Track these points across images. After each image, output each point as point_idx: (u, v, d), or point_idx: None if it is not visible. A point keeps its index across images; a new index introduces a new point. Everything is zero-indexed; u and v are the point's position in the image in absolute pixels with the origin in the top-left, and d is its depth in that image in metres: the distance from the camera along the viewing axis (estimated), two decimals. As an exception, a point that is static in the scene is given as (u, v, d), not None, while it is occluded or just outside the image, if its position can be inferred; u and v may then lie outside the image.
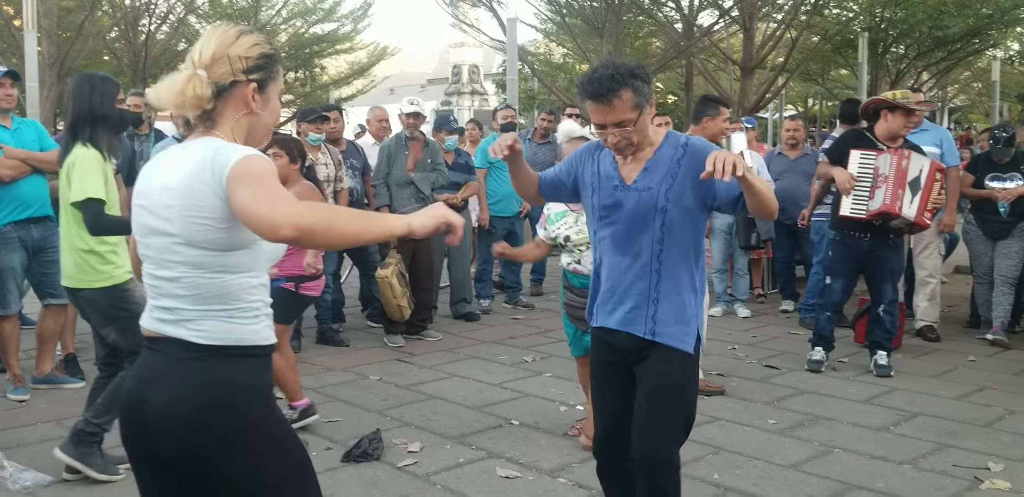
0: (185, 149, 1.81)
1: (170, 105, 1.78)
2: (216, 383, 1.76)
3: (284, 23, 25.43)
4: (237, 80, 1.81)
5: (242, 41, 1.82)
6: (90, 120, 3.60)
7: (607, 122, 2.48)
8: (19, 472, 3.55)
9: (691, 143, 2.58)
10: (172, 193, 1.76)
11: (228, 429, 1.74)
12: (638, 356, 2.62)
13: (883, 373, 5.15)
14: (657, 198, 2.52)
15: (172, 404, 1.74)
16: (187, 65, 1.81)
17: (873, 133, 5.25)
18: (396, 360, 5.68)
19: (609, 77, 2.45)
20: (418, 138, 6.43)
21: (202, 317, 1.78)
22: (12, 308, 4.78)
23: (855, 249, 5.19)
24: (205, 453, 1.75)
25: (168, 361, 1.79)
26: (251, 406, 1.79)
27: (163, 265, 1.80)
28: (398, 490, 3.52)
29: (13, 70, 4.92)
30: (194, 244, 1.75)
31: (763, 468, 3.73)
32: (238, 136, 1.84)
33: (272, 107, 1.90)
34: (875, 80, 18.29)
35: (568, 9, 18.01)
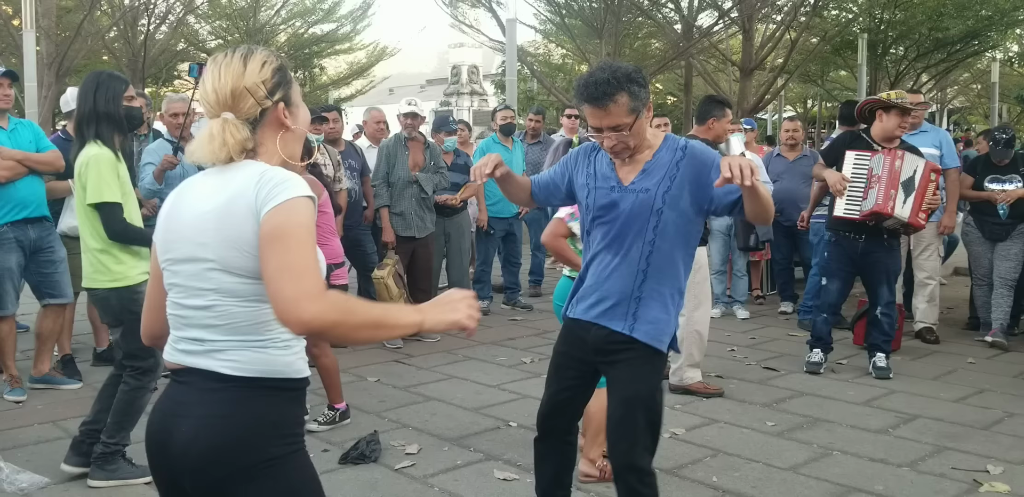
0: (223, 173, 1.74)
1: (213, 158, 1.70)
2: (244, 415, 1.69)
3: (283, 23, 25.44)
4: (265, 108, 1.75)
5: (252, 67, 1.74)
6: (94, 118, 3.57)
7: (603, 126, 2.50)
8: (15, 473, 3.54)
9: (690, 146, 2.58)
10: (208, 216, 1.69)
11: (251, 463, 1.67)
12: (608, 357, 2.64)
13: (882, 375, 5.14)
14: (654, 199, 2.53)
15: (197, 434, 1.68)
16: (207, 111, 1.75)
17: (870, 134, 5.25)
18: (394, 361, 5.67)
19: (605, 81, 2.45)
20: (418, 139, 6.42)
21: (233, 348, 1.70)
22: (9, 309, 4.77)
23: (850, 250, 5.19)
24: (225, 487, 1.68)
25: (195, 392, 1.72)
26: (278, 441, 1.71)
27: (193, 293, 1.72)
28: (396, 492, 3.51)
29: (11, 70, 4.90)
30: (229, 270, 1.68)
31: (762, 470, 3.72)
32: (285, 155, 1.79)
33: (302, 113, 1.84)
34: (874, 81, 18.30)
35: (567, 10, 18.02)
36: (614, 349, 2.63)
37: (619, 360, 2.63)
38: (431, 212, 6.43)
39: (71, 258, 5.08)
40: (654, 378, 2.65)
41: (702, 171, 2.54)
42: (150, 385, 3.63)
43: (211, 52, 24.16)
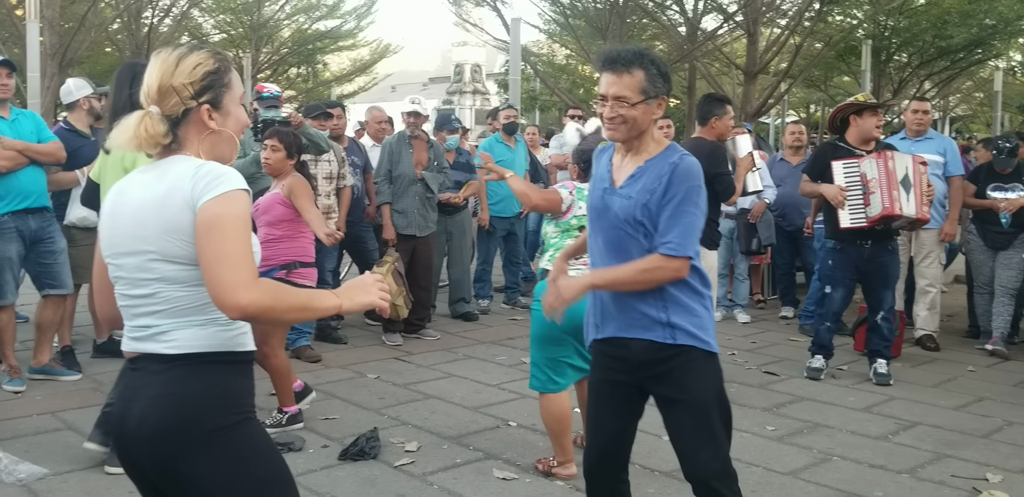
0: (156, 168, 1.80)
1: (129, 147, 1.76)
2: (187, 390, 1.75)
3: (287, 19, 25.41)
4: (188, 108, 1.80)
5: (183, 67, 1.80)
6: (130, 108, 3.57)
7: (609, 93, 2.45)
8: (14, 464, 3.53)
9: (679, 167, 2.43)
10: (146, 209, 1.75)
11: (197, 435, 1.73)
12: (655, 369, 2.49)
13: (882, 382, 5.14)
14: (635, 209, 2.44)
15: (145, 415, 1.74)
16: (142, 101, 1.81)
17: (846, 142, 5.24)
18: (394, 358, 5.66)
19: (631, 51, 2.45)
20: (421, 137, 6.41)
21: (176, 328, 1.76)
22: (8, 298, 4.76)
23: (856, 257, 5.17)
24: (175, 461, 1.73)
25: (145, 376, 1.78)
26: (223, 412, 1.76)
27: (137, 284, 1.78)
28: (395, 489, 3.50)
29: (8, 59, 4.89)
30: (170, 259, 1.74)
31: (761, 475, 3.72)
32: (204, 155, 1.82)
33: (234, 118, 1.87)
34: (878, 88, 18.29)
35: (572, 10, 18.01)
36: (663, 358, 2.47)
37: (673, 368, 2.47)
38: (434, 211, 6.42)
39: (74, 250, 5.08)
40: (716, 377, 2.52)
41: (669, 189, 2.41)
42: None
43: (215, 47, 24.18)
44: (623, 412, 2.61)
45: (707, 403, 2.47)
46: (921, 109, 6.20)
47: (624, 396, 2.60)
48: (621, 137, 2.50)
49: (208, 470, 1.74)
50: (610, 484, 2.68)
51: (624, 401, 2.60)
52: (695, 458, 2.48)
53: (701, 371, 2.48)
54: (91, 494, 3.40)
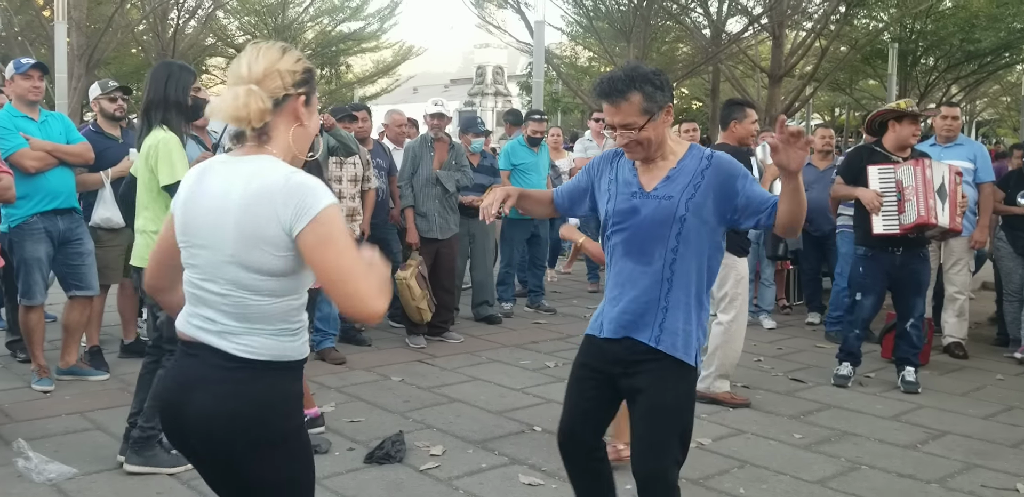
0: (242, 164, 1.85)
1: (232, 118, 1.82)
2: (257, 394, 1.82)
3: (311, 20, 25.58)
4: (288, 94, 1.86)
5: (288, 57, 1.87)
6: (163, 106, 3.68)
7: (614, 123, 2.50)
8: (44, 464, 3.55)
9: (716, 156, 2.55)
10: (230, 213, 1.80)
11: (264, 435, 1.81)
12: (630, 369, 2.56)
13: (910, 390, 5.08)
14: (677, 207, 2.50)
15: (213, 411, 1.81)
16: (234, 81, 1.84)
17: (883, 146, 5.19)
18: (418, 361, 5.67)
19: (620, 79, 2.46)
20: (443, 139, 6.41)
21: (246, 333, 1.83)
22: (38, 299, 4.79)
23: (887, 264, 5.11)
24: (245, 457, 1.82)
25: (208, 368, 1.84)
26: (288, 416, 1.87)
27: (212, 279, 1.85)
28: (421, 494, 3.50)
29: (41, 62, 4.94)
30: (247, 267, 1.80)
31: (789, 483, 3.68)
32: (291, 149, 1.89)
33: (315, 120, 1.97)
34: (904, 91, 18.16)
35: (595, 12, 18.00)
36: (637, 360, 2.55)
37: (643, 371, 2.54)
38: (455, 213, 6.42)
39: (101, 251, 5.12)
40: (682, 388, 2.56)
41: (727, 181, 2.51)
42: None
43: (239, 48, 24.32)
44: (590, 396, 2.69)
45: (663, 409, 2.53)
46: (951, 115, 6.13)
47: (595, 381, 2.67)
48: (642, 157, 2.57)
49: (282, 465, 1.85)
50: (582, 462, 2.77)
51: (593, 386, 2.67)
52: (640, 458, 2.54)
53: (671, 379, 2.54)
54: (119, 494, 3.42)
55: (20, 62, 4.82)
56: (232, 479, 1.88)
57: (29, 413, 4.38)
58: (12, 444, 3.74)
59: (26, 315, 4.80)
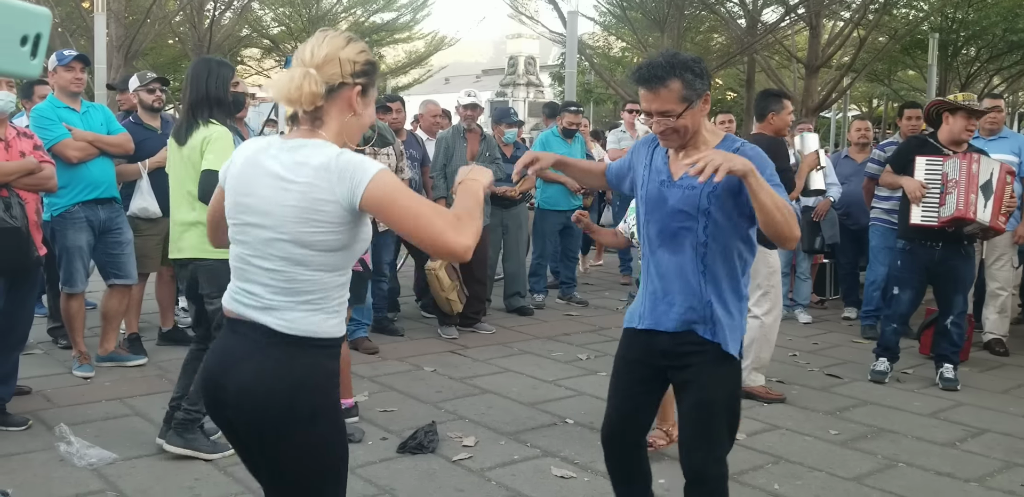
0: (298, 148, 1.87)
1: (285, 99, 1.86)
2: (294, 367, 1.86)
3: (345, 11, 25.66)
4: (345, 82, 1.89)
5: (351, 47, 1.91)
6: (207, 103, 3.74)
7: (652, 110, 2.46)
8: (85, 448, 3.62)
9: (743, 150, 2.48)
10: (282, 195, 1.84)
11: (293, 412, 1.85)
12: (678, 361, 2.55)
13: (949, 387, 5.01)
14: (700, 198, 2.46)
15: (253, 386, 1.85)
16: (296, 64, 1.88)
17: (936, 138, 5.10)
18: (450, 352, 5.68)
19: (660, 65, 2.42)
20: (475, 130, 6.41)
21: (288, 308, 1.87)
22: (79, 287, 4.87)
23: (926, 258, 5.04)
24: (279, 433, 1.86)
25: (249, 344, 1.89)
26: (324, 392, 1.90)
27: (263, 255, 1.89)
28: (453, 484, 3.51)
29: (83, 54, 4.99)
30: (301, 243, 1.84)
31: (824, 480, 3.65)
32: (341, 136, 1.93)
33: (369, 113, 1.98)
34: (944, 82, 17.85)
35: (629, 2, 17.87)
36: (686, 352, 2.55)
37: (692, 364, 2.54)
38: (487, 204, 6.41)
39: (139, 240, 5.19)
40: (731, 382, 2.57)
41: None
42: None
43: (274, 38, 24.50)
44: (637, 391, 2.69)
45: (713, 403, 2.53)
46: (994, 106, 6.01)
47: (640, 374, 2.67)
48: (677, 145, 2.54)
49: (318, 441, 1.88)
50: (626, 452, 2.77)
51: (639, 380, 2.68)
52: (690, 454, 2.55)
53: (719, 371, 2.54)
54: (159, 479, 3.47)
55: (62, 54, 4.88)
56: (266, 456, 1.91)
57: (70, 399, 4.46)
58: (54, 429, 3.81)
59: (67, 302, 4.88)
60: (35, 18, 1.12)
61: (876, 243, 6.36)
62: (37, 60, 1.14)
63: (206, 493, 3.36)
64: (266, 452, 1.91)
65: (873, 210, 6.34)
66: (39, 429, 3.99)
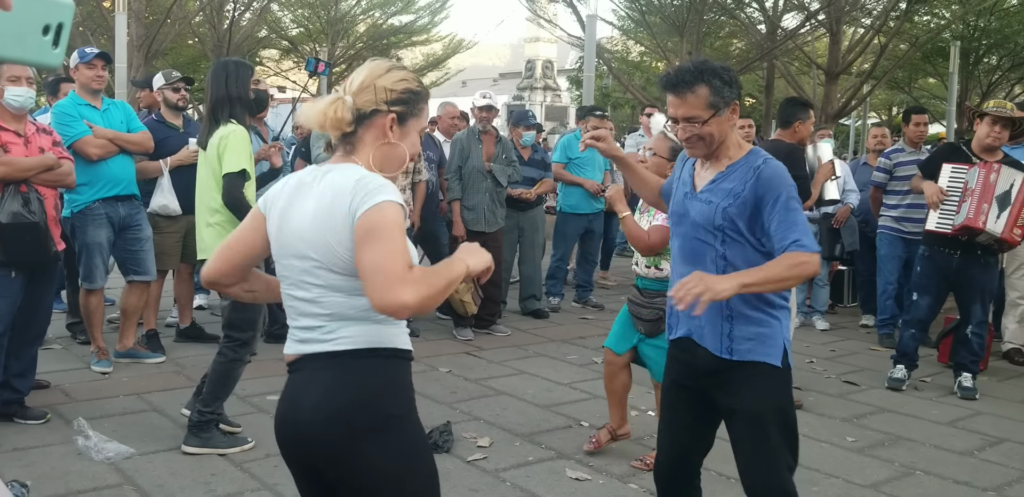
0: (328, 173, 1.87)
1: (314, 124, 1.87)
2: (357, 380, 1.84)
3: (363, 13, 25.73)
4: (378, 109, 1.88)
5: (391, 75, 1.90)
6: (227, 103, 3.79)
7: (678, 116, 2.42)
8: (103, 443, 3.64)
9: (763, 169, 2.40)
10: (314, 219, 1.83)
11: (371, 422, 1.81)
12: (717, 379, 2.45)
13: (968, 396, 4.97)
14: (715, 214, 2.40)
15: (318, 403, 1.83)
16: (339, 90, 1.91)
17: (969, 146, 5.08)
18: (465, 353, 5.68)
19: (689, 70, 2.40)
20: (490, 132, 6.42)
21: (342, 328, 1.84)
22: (98, 282, 4.90)
23: (943, 266, 5.01)
24: (346, 444, 1.81)
25: (309, 373, 1.87)
26: (391, 404, 1.85)
27: (301, 286, 1.87)
28: (468, 484, 3.51)
29: (105, 52, 5.03)
30: (332, 269, 1.82)
31: (841, 487, 3.62)
32: (375, 163, 1.90)
33: (411, 141, 1.94)
34: (965, 91, 17.74)
35: (648, 7, 17.83)
36: (724, 368, 2.44)
37: (727, 381, 2.43)
38: (503, 207, 6.42)
39: (159, 237, 5.22)
40: (771, 393, 2.43)
41: (762, 200, 2.36)
42: (246, 357, 3.75)
43: (293, 40, 24.61)
44: (691, 418, 2.58)
45: (761, 417, 2.42)
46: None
47: (692, 401, 2.56)
48: (703, 153, 2.48)
49: (379, 455, 1.81)
50: (679, 491, 2.66)
51: (692, 407, 2.57)
52: (751, 473, 2.44)
53: (760, 384, 2.42)
54: (175, 474, 3.49)
55: (84, 51, 4.92)
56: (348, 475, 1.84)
57: (88, 393, 4.48)
58: (72, 423, 3.84)
59: (86, 298, 4.92)
60: (58, 8, 1.12)
61: (884, 252, 6.33)
62: (59, 50, 1.14)
63: (222, 489, 3.37)
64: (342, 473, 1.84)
65: (881, 218, 6.32)
66: (57, 423, 4.01)
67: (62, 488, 3.31)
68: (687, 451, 2.62)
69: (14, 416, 3.99)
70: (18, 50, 1.10)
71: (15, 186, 3.84)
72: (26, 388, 4.08)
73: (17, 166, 3.86)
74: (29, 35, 1.09)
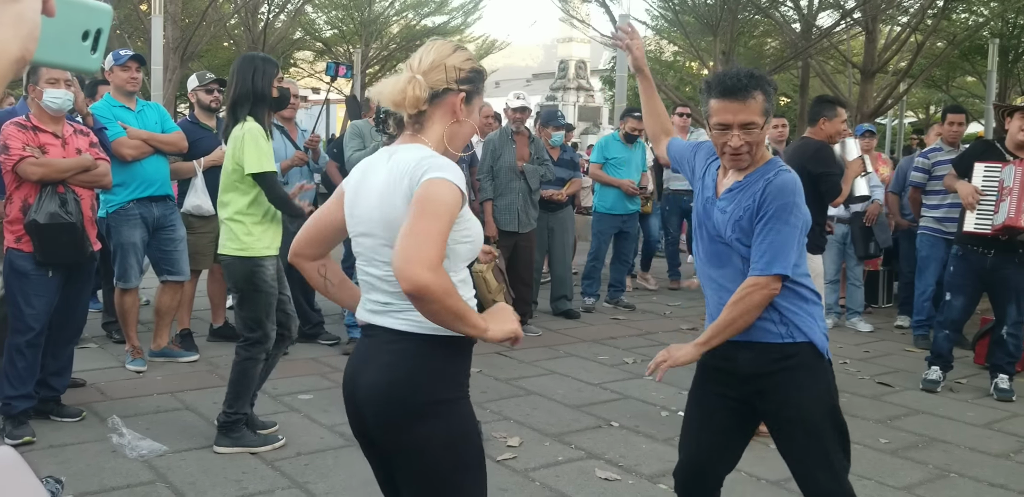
0: (396, 153, 1.94)
1: (390, 102, 1.92)
2: (415, 362, 1.89)
3: (396, 14, 25.85)
4: (449, 88, 1.93)
5: (458, 54, 1.97)
6: (251, 99, 3.78)
7: (735, 121, 2.34)
8: (137, 440, 3.69)
9: (773, 183, 2.35)
10: (380, 197, 1.91)
11: (422, 403, 1.87)
12: (760, 383, 2.39)
13: (1004, 397, 4.88)
14: (727, 225, 2.39)
15: (376, 378, 1.91)
16: (405, 70, 1.95)
17: (1003, 144, 5.00)
18: (496, 353, 5.69)
19: (745, 75, 2.36)
20: (523, 133, 6.42)
21: (410, 309, 1.86)
22: (132, 282, 4.98)
23: (977, 265, 4.93)
24: (399, 425, 1.88)
25: (378, 344, 1.94)
26: (444, 387, 1.90)
27: (372, 263, 1.95)
28: (497, 484, 3.50)
29: (139, 54, 5.10)
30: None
31: (874, 489, 3.58)
32: (446, 141, 1.97)
33: (474, 118, 2.02)
34: (1004, 89, 17.40)
35: (681, 6, 17.71)
36: (770, 371, 2.37)
37: (779, 382, 2.36)
38: (536, 208, 6.42)
39: (192, 237, 5.28)
40: (827, 390, 2.40)
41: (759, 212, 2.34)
42: (260, 356, 3.76)
43: (327, 41, 24.79)
44: (722, 427, 2.51)
45: (817, 420, 2.36)
46: None
47: (726, 410, 2.50)
48: (746, 165, 2.43)
49: (429, 437, 1.87)
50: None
51: (725, 415, 2.50)
52: (811, 480, 2.39)
53: (809, 384, 2.37)
54: (207, 472, 3.53)
55: (119, 54, 4.99)
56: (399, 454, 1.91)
57: (123, 392, 4.55)
58: (107, 421, 3.90)
59: (121, 297, 4.99)
60: (97, 14, 1.14)
61: (926, 253, 6.22)
62: (97, 55, 1.17)
63: (253, 486, 3.41)
64: (396, 450, 1.91)
65: (923, 218, 6.22)
66: (92, 421, 4.08)
67: (96, 485, 3.37)
68: (708, 461, 2.56)
69: (50, 414, 4.06)
70: (59, 55, 1.12)
71: (52, 187, 3.90)
72: (62, 386, 4.15)
73: (55, 167, 3.93)
74: (70, 41, 1.12)
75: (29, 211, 3.84)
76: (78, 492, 3.27)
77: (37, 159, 3.88)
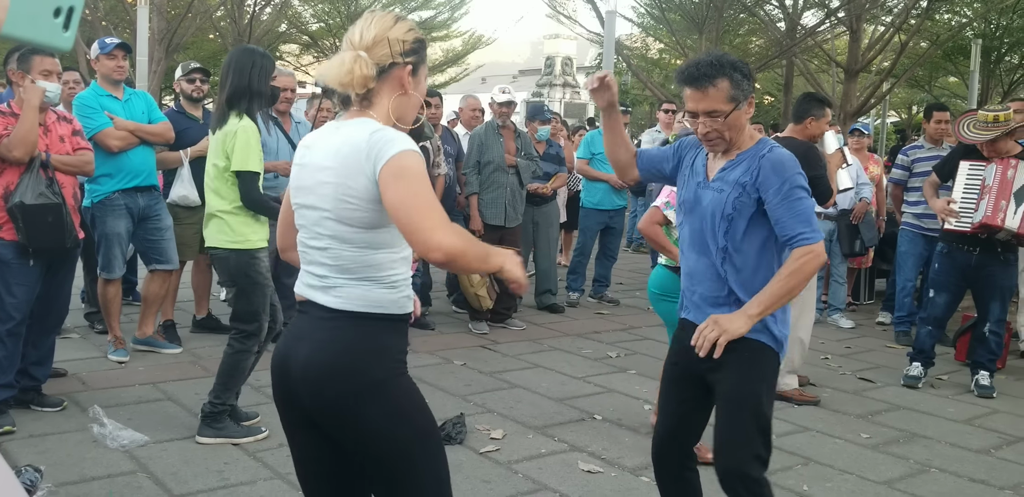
0: (341, 128, 1.91)
1: (337, 83, 1.87)
2: (349, 342, 1.88)
3: (383, 9, 25.75)
4: (395, 62, 1.90)
5: (399, 26, 1.92)
6: (247, 94, 3.71)
7: (699, 110, 2.41)
8: (118, 430, 3.67)
9: (767, 157, 2.41)
10: (327, 172, 1.88)
11: (359, 384, 1.86)
12: (712, 362, 2.44)
13: (985, 394, 4.93)
14: (724, 203, 2.43)
15: (309, 359, 1.89)
16: (346, 47, 1.90)
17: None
18: (480, 347, 5.69)
19: (708, 64, 2.39)
20: (509, 127, 6.41)
21: (344, 285, 1.90)
22: (116, 272, 4.94)
23: (962, 263, 4.97)
24: (336, 404, 1.87)
25: (311, 320, 1.93)
26: (380, 365, 1.89)
27: (314, 236, 1.94)
28: (480, 476, 3.51)
29: (124, 42, 5.06)
30: (342, 220, 1.88)
31: (855, 483, 3.60)
32: (393, 115, 1.94)
33: (421, 89, 1.99)
34: (986, 89, 17.56)
35: (667, 3, 17.77)
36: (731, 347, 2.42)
37: (724, 362, 2.44)
38: (523, 203, 6.42)
39: (178, 228, 5.25)
40: (760, 377, 2.47)
41: (763, 188, 2.39)
42: (253, 348, 3.75)
43: (313, 35, 24.69)
44: (686, 398, 2.61)
45: (742, 399, 2.44)
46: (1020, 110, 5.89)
47: (688, 381, 2.59)
48: (723, 148, 2.49)
49: (368, 415, 1.86)
50: (674, 471, 2.69)
51: (688, 387, 2.59)
52: (722, 451, 2.46)
53: (745, 368, 2.44)
54: (189, 462, 3.51)
55: (104, 42, 4.95)
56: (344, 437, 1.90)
57: (105, 382, 4.52)
58: (88, 410, 3.88)
59: (104, 288, 4.96)
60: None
61: (905, 249, 6.28)
62: (69, 33, 1.15)
63: (235, 477, 3.39)
64: (340, 433, 1.91)
65: (903, 215, 6.28)
66: (73, 411, 4.05)
67: (76, 474, 3.35)
68: (680, 431, 2.65)
69: (31, 403, 4.03)
70: (29, 30, 1.11)
71: (35, 171, 3.84)
72: (43, 376, 4.12)
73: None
74: (40, 16, 1.10)
75: (12, 196, 3.78)
76: (58, 482, 3.25)
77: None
